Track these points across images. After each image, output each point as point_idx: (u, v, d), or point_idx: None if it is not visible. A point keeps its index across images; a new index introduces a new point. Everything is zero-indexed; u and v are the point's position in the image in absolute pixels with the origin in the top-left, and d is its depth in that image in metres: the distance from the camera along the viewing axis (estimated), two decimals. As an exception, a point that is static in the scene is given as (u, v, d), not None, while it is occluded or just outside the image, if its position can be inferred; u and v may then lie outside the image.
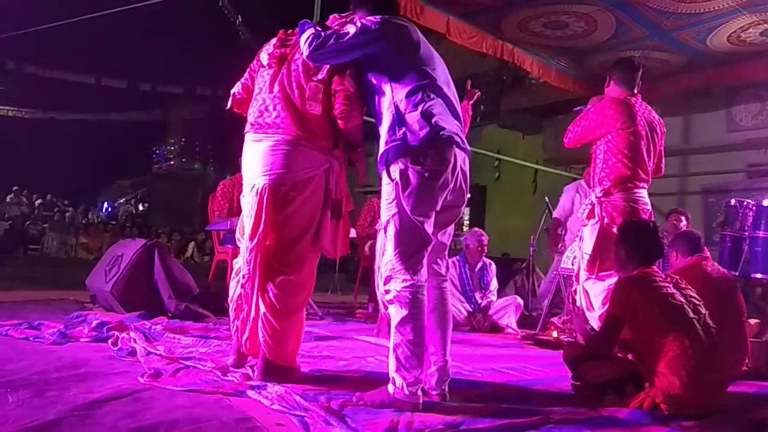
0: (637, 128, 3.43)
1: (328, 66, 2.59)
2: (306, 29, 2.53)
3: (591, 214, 3.52)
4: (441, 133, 2.33)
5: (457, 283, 5.29)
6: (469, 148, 2.51)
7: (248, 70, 2.87)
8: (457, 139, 2.40)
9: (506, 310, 5.18)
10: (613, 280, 3.20)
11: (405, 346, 2.26)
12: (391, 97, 2.40)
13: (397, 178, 2.32)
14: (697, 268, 3.46)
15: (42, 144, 22.37)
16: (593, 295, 3.42)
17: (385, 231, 2.38)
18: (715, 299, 2.92)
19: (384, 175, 2.38)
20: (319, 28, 2.53)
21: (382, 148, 2.40)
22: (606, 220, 3.41)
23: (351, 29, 2.46)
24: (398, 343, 2.27)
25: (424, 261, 2.36)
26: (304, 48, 2.48)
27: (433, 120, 2.33)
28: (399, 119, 2.36)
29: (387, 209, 2.37)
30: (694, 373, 2.40)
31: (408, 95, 2.37)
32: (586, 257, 3.49)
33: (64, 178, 21.27)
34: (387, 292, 2.33)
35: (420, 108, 2.35)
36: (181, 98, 25.79)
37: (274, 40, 2.77)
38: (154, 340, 3.28)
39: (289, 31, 2.77)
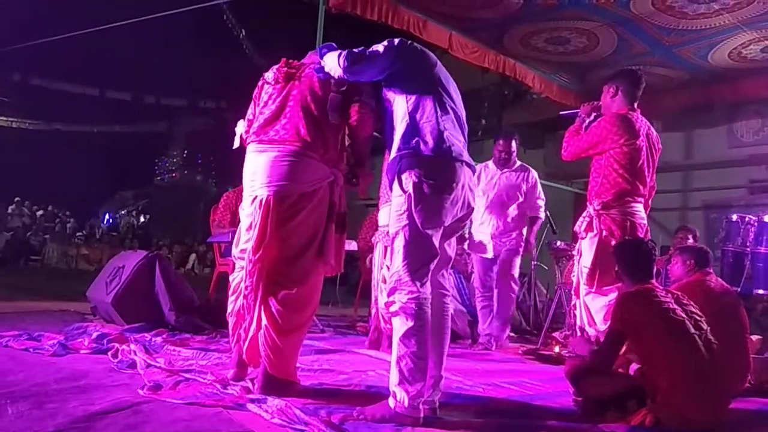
0: (639, 143, 3.44)
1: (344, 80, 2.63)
2: (330, 51, 2.58)
3: (589, 227, 3.52)
4: (452, 148, 2.40)
5: (456, 295, 5.30)
6: (473, 164, 2.55)
7: (252, 103, 2.85)
8: (465, 157, 2.46)
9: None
10: (614, 294, 3.20)
11: (409, 358, 2.26)
12: (406, 109, 2.46)
13: (410, 191, 2.34)
14: (700, 283, 3.45)
15: (45, 155, 22.40)
16: (594, 311, 3.41)
17: (393, 242, 2.39)
18: (717, 315, 2.91)
19: (396, 186, 2.42)
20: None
21: (393, 154, 2.45)
22: (604, 233, 3.41)
23: (380, 47, 2.52)
24: (402, 355, 2.27)
25: (429, 274, 2.37)
26: (339, 63, 2.49)
27: (445, 134, 2.41)
28: (413, 129, 2.42)
29: (397, 220, 2.38)
30: (696, 389, 2.39)
31: (422, 109, 2.44)
32: (585, 271, 3.49)
33: (65, 189, 21.27)
34: (392, 303, 2.33)
35: (433, 121, 2.41)
36: (184, 111, 25.91)
37: (276, 66, 2.79)
38: (154, 352, 3.27)
39: (292, 61, 2.80)
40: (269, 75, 2.78)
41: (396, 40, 2.55)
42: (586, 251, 3.53)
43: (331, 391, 2.73)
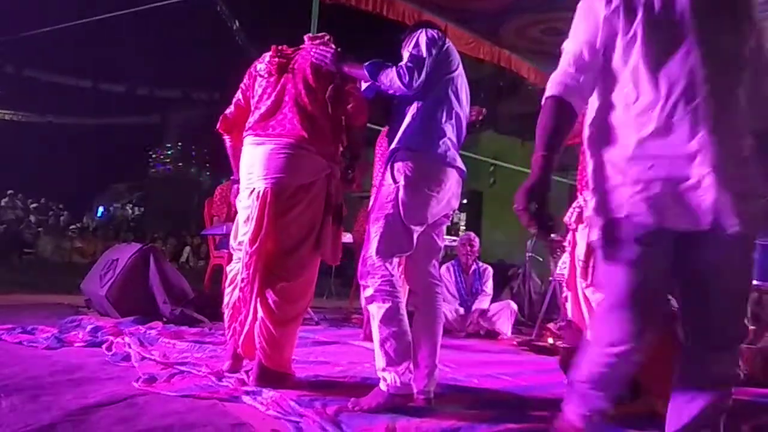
0: None
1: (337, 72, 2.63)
2: (376, 68, 2.47)
3: (580, 219, 3.51)
4: (447, 153, 2.45)
5: (453, 289, 5.31)
6: (464, 169, 2.58)
7: (240, 89, 2.86)
8: (458, 163, 2.52)
9: (500, 315, 5.19)
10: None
11: (393, 339, 2.29)
12: (416, 109, 2.47)
13: (401, 182, 2.38)
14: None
15: (38, 148, 22.33)
16: (595, 304, 3.40)
17: (371, 226, 2.43)
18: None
19: (387, 175, 2.45)
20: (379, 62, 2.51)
21: (393, 145, 2.48)
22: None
23: (422, 48, 2.45)
24: (385, 337, 2.30)
25: (397, 260, 2.44)
26: (402, 82, 2.39)
27: (444, 140, 2.45)
28: (416, 129, 2.45)
29: (381, 207, 2.42)
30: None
31: (430, 113, 2.47)
32: (580, 263, 3.48)
33: (59, 181, 21.23)
34: (366, 287, 2.38)
35: (436, 126, 2.46)
36: (178, 102, 25.83)
37: (267, 54, 2.78)
38: (148, 344, 3.26)
39: (281, 46, 2.78)
40: (261, 67, 2.76)
41: (431, 35, 2.50)
42: (580, 243, 3.52)
43: (326, 382, 2.74)
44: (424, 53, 2.43)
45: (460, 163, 2.53)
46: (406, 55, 2.48)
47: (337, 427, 2.00)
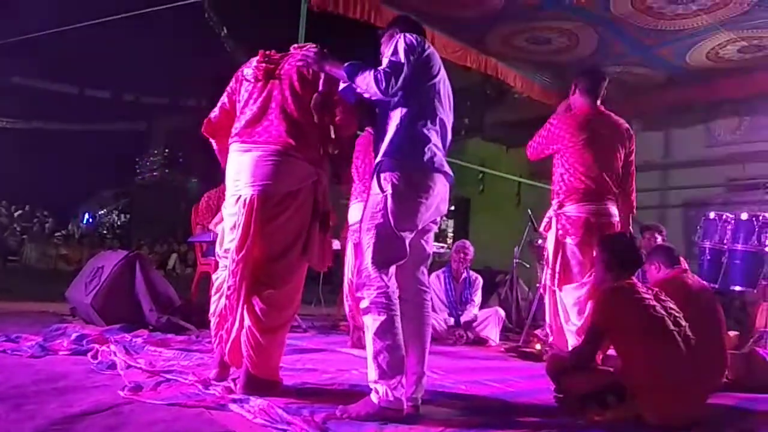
0: (587, 140, 3.45)
1: (323, 79, 2.62)
2: (354, 69, 2.44)
3: (548, 227, 3.59)
4: (434, 159, 2.45)
5: (443, 296, 5.31)
6: (452, 174, 2.58)
7: (225, 93, 2.85)
8: (445, 168, 2.52)
9: (488, 322, 5.20)
10: (584, 290, 3.25)
11: (387, 352, 2.28)
12: (400, 118, 2.46)
13: (389, 191, 2.38)
14: (678, 280, 3.49)
15: (23, 154, 22.05)
16: (569, 307, 3.45)
17: (362, 238, 2.43)
18: (695, 311, 2.95)
19: (374, 184, 2.44)
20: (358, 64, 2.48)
21: (379, 157, 2.46)
22: (560, 232, 3.46)
23: (400, 55, 2.44)
24: (378, 350, 2.29)
25: (393, 271, 2.41)
26: (378, 88, 2.36)
27: (429, 146, 2.45)
28: (402, 137, 2.44)
29: (371, 218, 2.41)
30: (675, 385, 2.43)
31: (415, 121, 2.46)
32: (548, 271, 3.55)
33: (44, 188, 20.97)
34: (361, 299, 2.37)
35: (421, 133, 2.45)
36: (165, 109, 25.66)
37: (254, 59, 2.78)
38: (134, 353, 3.23)
39: (269, 51, 2.78)
40: (248, 72, 2.76)
41: (410, 41, 2.49)
42: (549, 251, 3.60)
43: (314, 390, 2.73)
44: (403, 59, 2.42)
45: (447, 167, 2.54)
46: (385, 61, 2.47)
47: (325, 435, 2.00)
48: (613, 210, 3.49)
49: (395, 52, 2.46)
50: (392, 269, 2.41)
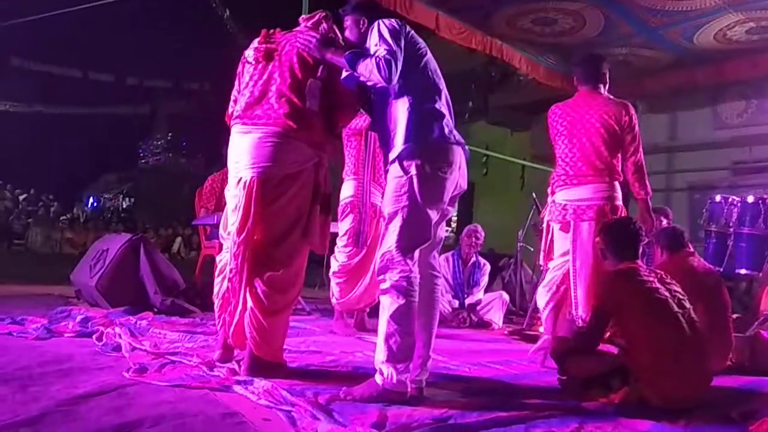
0: (564, 130, 3.42)
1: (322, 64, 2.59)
2: (355, 57, 2.44)
3: (544, 212, 3.69)
4: (452, 132, 2.48)
5: (449, 279, 5.32)
6: (464, 143, 2.58)
7: (236, 82, 2.81)
8: (460, 138, 2.52)
9: (492, 306, 5.22)
10: (558, 261, 3.36)
11: (399, 335, 2.28)
12: (407, 99, 2.45)
13: (413, 173, 2.37)
14: (683, 263, 3.49)
15: (27, 138, 22.07)
16: (541, 284, 3.56)
17: (389, 222, 2.41)
18: (700, 294, 2.95)
19: (393, 168, 2.44)
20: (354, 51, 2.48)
21: (399, 146, 2.42)
22: (549, 217, 3.51)
23: (388, 40, 2.40)
24: (391, 332, 2.29)
25: (417, 256, 2.40)
26: (381, 75, 2.35)
27: (444, 121, 2.47)
28: (418, 120, 2.43)
29: (395, 201, 2.40)
30: (679, 367, 2.43)
31: (424, 100, 2.47)
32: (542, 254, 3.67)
33: (48, 172, 21.04)
34: (383, 281, 2.35)
35: (435, 110, 2.47)
36: (168, 92, 25.62)
37: (256, 40, 2.75)
38: (139, 335, 3.25)
39: (272, 30, 2.75)
40: (249, 53, 2.74)
41: (392, 27, 2.46)
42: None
43: (317, 372, 2.74)
44: (394, 46, 2.40)
45: (460, 137, 2.54)
46: (374, 48, 2.43)
47: (329, 416, 2.01)
48: (598, 192, 3.32)
49: (383, 39, 2.43)
50: (416, 254, 2.39)
